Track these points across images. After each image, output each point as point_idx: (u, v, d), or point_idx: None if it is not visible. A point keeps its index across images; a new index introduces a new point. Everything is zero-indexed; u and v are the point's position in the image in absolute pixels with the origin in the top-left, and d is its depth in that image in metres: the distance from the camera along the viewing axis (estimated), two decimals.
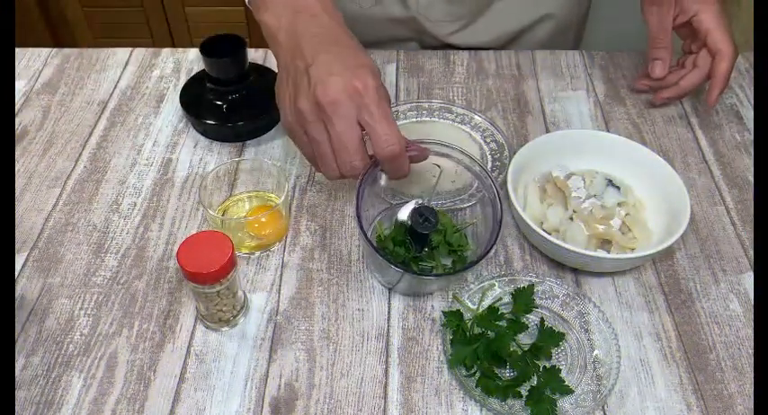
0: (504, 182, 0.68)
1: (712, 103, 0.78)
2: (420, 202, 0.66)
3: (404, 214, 0.65)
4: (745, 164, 0.78)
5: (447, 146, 0.63)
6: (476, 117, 0.81)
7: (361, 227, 0.58)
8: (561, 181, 0.70)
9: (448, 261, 0.65)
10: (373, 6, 0.91)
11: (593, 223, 0.67)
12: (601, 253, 0.65)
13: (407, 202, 0.67)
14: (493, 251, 0.59)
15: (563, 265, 0.67)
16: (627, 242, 0.67)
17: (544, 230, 0.67)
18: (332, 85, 0.56)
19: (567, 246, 0.62)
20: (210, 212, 0.65)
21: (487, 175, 0.63)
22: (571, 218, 0.68)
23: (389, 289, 0.65)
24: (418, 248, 0.64)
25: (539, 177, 0.73)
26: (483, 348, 0.58)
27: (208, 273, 0.55)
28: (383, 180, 0.65)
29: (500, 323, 0.60)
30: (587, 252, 0.63)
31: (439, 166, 0.65)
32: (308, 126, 0.59)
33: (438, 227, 0.62)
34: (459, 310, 0.61)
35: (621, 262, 0.65)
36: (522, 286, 0.63)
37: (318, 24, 0.61)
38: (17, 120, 0.82)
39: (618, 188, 0.70)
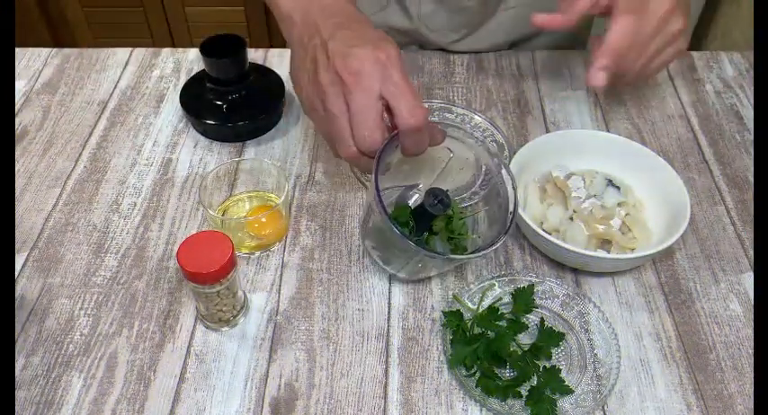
0: None
1: (593, 81, 0.66)
2: (424, 187, 0.65)
3: (405, 197, 0.65)
4: (745, 164, 0.78)
5: (460, 129, 0.62)
6: (476, 117, 0.81)
7: (381, 201, 0.55)
8: (561, 181, 0.70)
9: (443, 248, 0.64)
10: (376, 13, 0.91)
11: (593, 223, 0.67)
12: (601, 253, 0.65)
13: (412, 187, 0.66)
14: (504, 239, 0.57)
15: (563, 265, 0.67)
16: (627, 243, 0.67)
17: (544, 230, 0.67)
18: (354, 56, 0.55)
19: (567, 246, 0.62)
20: (210, 212, 0.65)
21: (498, 158, 0.62)
22: (571, 218, 0.68)
23: (390, 276, 0.64)
24: (420, 231, 0.63)
25: (539, 177, 0.73)
26: (483, 349, 0.58)
27: (208, 273, 0.55)
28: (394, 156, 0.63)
29: (500, 323, 0.60)
30: (587, 252, 0.63)
31: (451, 150, 0.64)
32: (327, 98, 0.56)
33: (448, 211, 0.61)
34: (459, 310, 0.61)
35: (621, 262, 0.65)
36: (522, 286, 0.63)
37: (334, 7, 0.60)
38: (17, 120, 0.82)
39: (618, 188, 0.70)
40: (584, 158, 0.73)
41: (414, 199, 0.65)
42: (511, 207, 0.60)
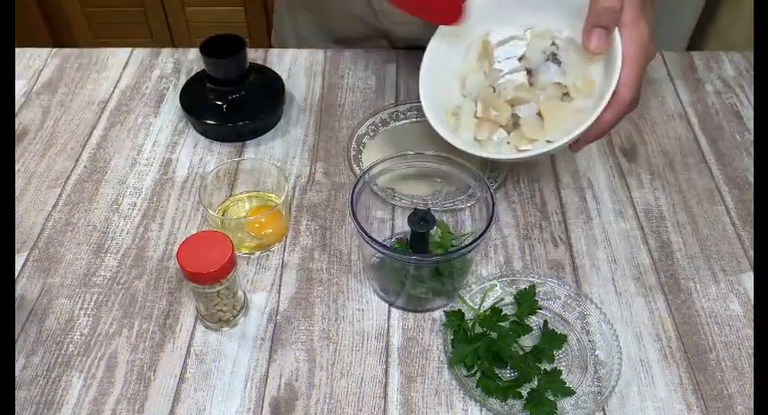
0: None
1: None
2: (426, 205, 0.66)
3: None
4: (745, 164, 0.78)
5: (445, 157, 0.63)
6: None
7: (354, 215, 0.57)
8: (489, 48, 0.61)
9: (440, 282, 0.63)
10: None
11: (493, 104, 0.58)
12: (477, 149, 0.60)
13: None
14: (482, 241, 0.57)
15: (563, 265, 0.67)
16: (529, 134, 0.59)
17: (464, 95, 0.62)
18: None
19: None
20: (210, 212, 0.65)
21: (484, 183, 0.62)
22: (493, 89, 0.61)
23: (390, 304, 0.64)
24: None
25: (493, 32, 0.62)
26: (484, 348, 0.58)
27: (208, 273, 0.55)
28: (380, 181, 0.65)
29: (503, 325, 0.60)
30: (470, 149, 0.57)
31: (440, 181, 0.66)
32: None
33: (434, 229, 0.61)
34: (460, 310, 0.61)
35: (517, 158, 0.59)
36: (523, 287, 0.63)
37: None
38: (17, 120, 0.82)
39: (559, 63, 0.59)
40: (560, 15, 0.60)
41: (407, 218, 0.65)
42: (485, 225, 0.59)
